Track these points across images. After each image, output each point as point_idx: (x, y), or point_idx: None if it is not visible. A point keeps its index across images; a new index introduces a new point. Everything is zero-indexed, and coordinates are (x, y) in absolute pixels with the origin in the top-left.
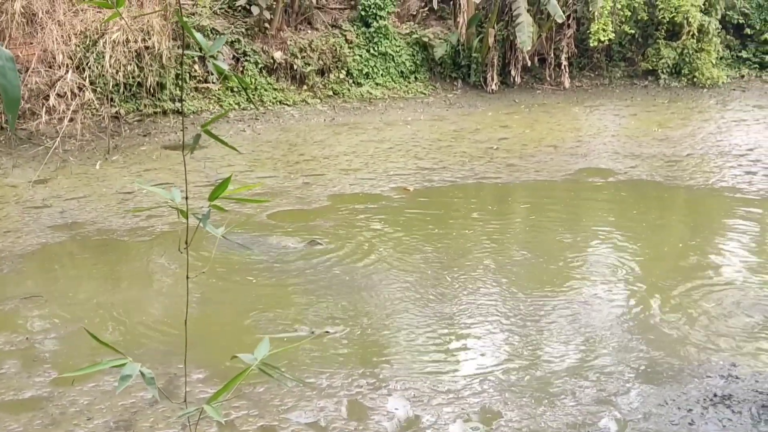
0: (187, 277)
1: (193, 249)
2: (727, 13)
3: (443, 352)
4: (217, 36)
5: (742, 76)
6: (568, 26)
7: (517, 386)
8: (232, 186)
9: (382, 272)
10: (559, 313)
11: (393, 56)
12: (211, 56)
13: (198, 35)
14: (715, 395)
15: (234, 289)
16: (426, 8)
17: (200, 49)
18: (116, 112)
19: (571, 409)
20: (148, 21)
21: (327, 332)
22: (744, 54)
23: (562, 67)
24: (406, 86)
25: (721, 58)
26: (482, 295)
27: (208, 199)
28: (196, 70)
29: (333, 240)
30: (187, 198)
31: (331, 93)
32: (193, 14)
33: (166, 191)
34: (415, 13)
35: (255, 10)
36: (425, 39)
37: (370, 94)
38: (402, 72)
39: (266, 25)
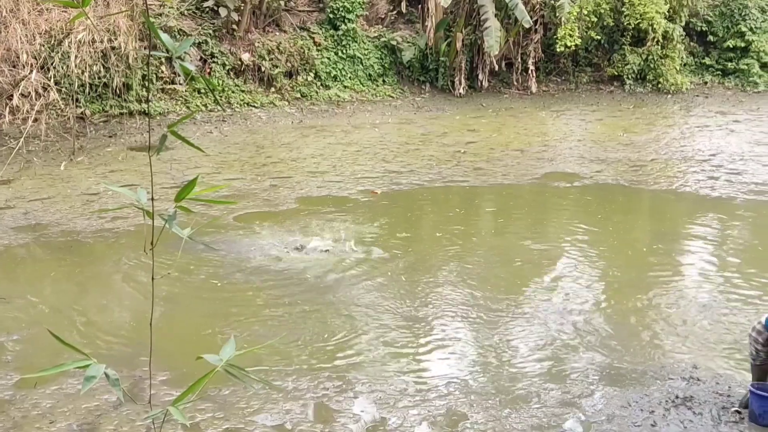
0: (153, 279)
1: (160, 251)
2: (691, 20)
3: (410, 355)
4: (185, 37)
5: (705, 83)
6: (535, 31)
7: (483, 389)
8: (198, 188)
9: (349, 276)
10: (525, 317)
11: (361, 59)
12: (178, 57)
13: (164, 36)
14: (677, 397)
15: (201, 292)
16: (394, 12)
17: (167, 50)
18: (82, 113)
19: (536, 411)
20: (114, 21)
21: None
22: (707, 61)
23: (529, 71)
24: (374, 89)
25: (684, 65)
26: (449, 299)
27: (175, 200)
28: (163, 72)
29: (300, 242)
30: (153, 199)
31: (298, 95)
32: (160, 15)
33: (132, 192)
34: (383, 16)
35: (223, 11)
36: (393, 42)
37: (338, 96)
38: (370, 75)
39: (234, 26)
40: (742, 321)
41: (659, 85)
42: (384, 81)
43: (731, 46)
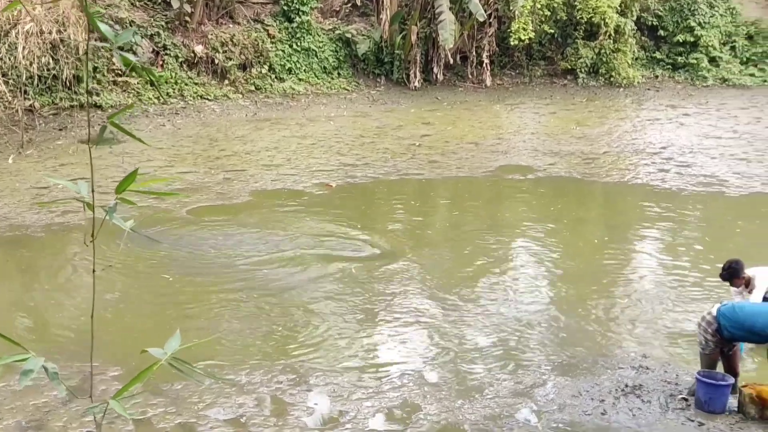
0: (93, 271)
1: (109, 244)
2: (642, 15)
3: (364, 348)
4: (135, 29)
5: (656, 77)
6: (490, 25)
7: (437, 380)
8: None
9: (303, 270)
10: (479, 309)
11: (316, 52)
12: (119, 48)
13: (103, 26)
14: (627, 386)
15: (154, 287)
16: (349, 4)
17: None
18: (30, 105)
19: (489, 402)
20: (63, 12)
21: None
22: (658, 55)
23: (484, 65)
24: (329, 82)
25: (636, 59)
26: (404, 292)
27: (115, 191)
28: (114, 64)
29: (255, 236)
30: (93, 190)
31: (253, 88)
32: (110, 6)
33: (74, 184)
34: (338, 9)
35: (175, 3)
36: (348, 35)
37: (293, 89)
38: (325, 68)
39: (187, 18)
40: (691, 311)
41: (611, 79)
42: (339, 74)
43: (681, 41)
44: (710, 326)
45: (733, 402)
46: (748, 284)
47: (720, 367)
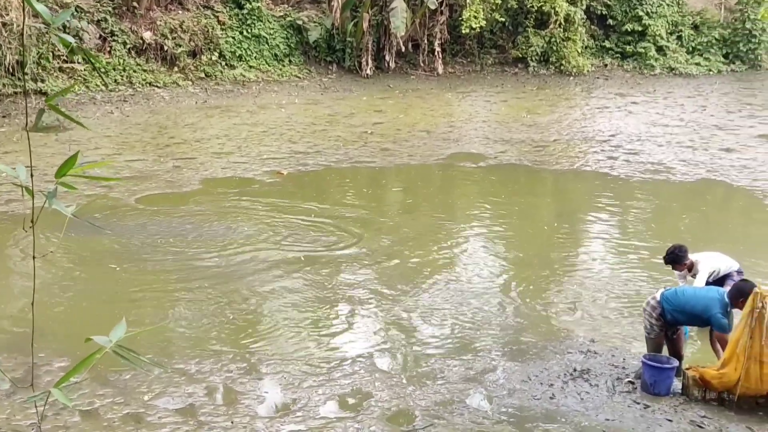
0: (33, 258)
1: (56, 232)
2: (592, 4)
3: (314, 335)
4: (82, 14)
5: (606, 65)
6: (441, 13)
7: (388, 367)
8: (101, 170)
9: (254, 258)
10: (430, 295)
11: (267, 39)
12: (57, 29)
13: (40, 6)
14: (575, 370)
15: (101, 276)
16: None
17: (46, 23)
18: None
19: (440, 388)
20: None
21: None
22: (607, 44)
23: (436, 53)
24: (281, 69)
25: (586, 47)
26: (355, 279)
27: (55, 176)
28: (59, 50)
29: (205, 224)
30: (32, 175)
31: (203, 75)
32: None
33: (12, 169)
34: None
35: None
36: (299, 22)
37: (244, 76)
38: (276, 55)
39: (135, 4)
40: (637, 296)
41: (562, 67)
42: (290, 61)
43: (629, 30)
44: (654, 311)
45: (677, 384)
46: (691, 269)
47: (665, 351)
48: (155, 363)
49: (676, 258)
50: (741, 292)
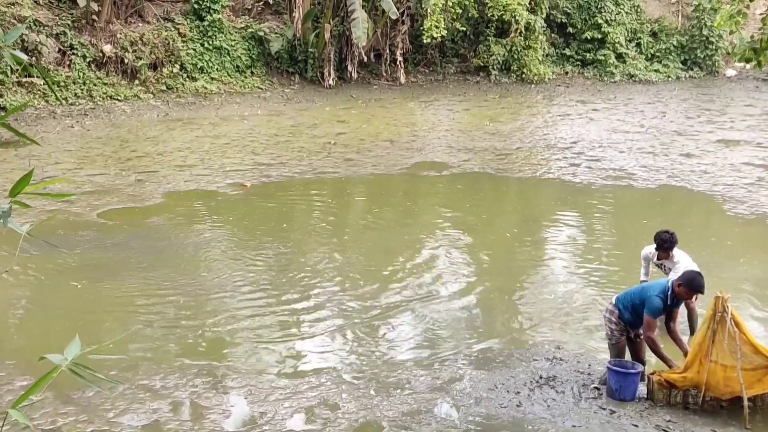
0: None
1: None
2: (552, 12)
3: (281, 348)
4: (40, 28)
5: (566, 73)
6: (403, 22)
7: (354, 378)
8: (57, 184)
9: (220, 272)
10: (396, 306)
11: (228, 50)
12: (11, 45)
13: None
14: (541, 377)
15: (61, 293)
16: (261, 2)
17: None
18: None
19: (407, 398)
20: None
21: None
22: (567, 52)
23: (398, 62)
24: (243, 81)
25: (546, 56)
26: (321, 290)
27: (9, 194)
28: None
29: (168, 238)
30: None
31: (164, 88)
32: (13, 4)
33: None
34: (250, 7)
35: (81, 1)
36: (261, 33)
37: (205, 88)
38: (238, 66)
39: (94, 17)
40: (600, 302)
41: (523, 76)
42: (252, 72)
43: (589, 38)
44: (612, 315)
45: (642, 389)
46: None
47: (628, 357)
48: (112, 380)
49: (671, 244)
50: (689, 281)
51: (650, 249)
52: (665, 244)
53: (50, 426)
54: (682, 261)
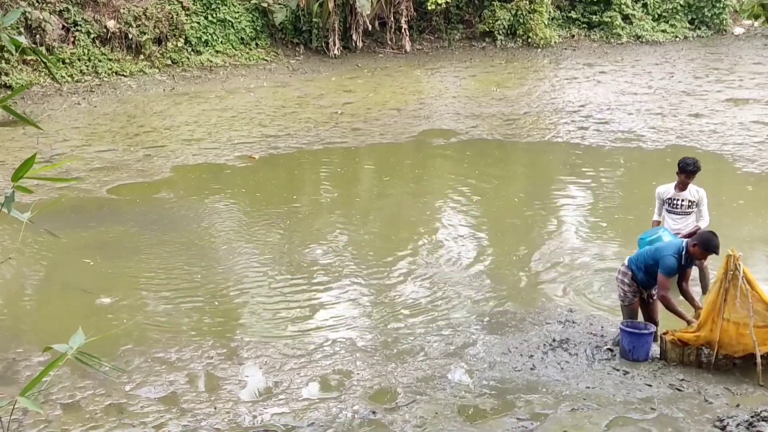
0: None
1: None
2: None
3: (294, 317)
4: (43, 5)
5: (573, 36)
6: None
7: (368, 346)
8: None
9: (231, 244)
10: (409, 273)
11: (232, 23)
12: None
13: None
14: (554, 340)
15: (75, 270)
16: None
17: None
18: None
19: (421, 364)
20: None
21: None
22: (573, 14)
23: (403, 30)
24: (248, 53)
25: (552, 19)
26: (331, 258)
27: (12, 179)
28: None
29: (177, 212)
30: None
31: (169, 62)
32: None
33: None
34: None
35: None
36: (265, 4)
37: (211, 62)
38: (242, 38)
39: None
40: (612, 263)
41: (529, 40)
42: (257, 44)
43: (595, 0)
44: (625, 276)
45: (655, 349)
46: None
47: (641, 318)
48: (115, 367)
49: (696, 168)
50: (704, 242)
51: (664, 188)
52: (689, 167)
53: (68, 400)
54: (704, 199)
